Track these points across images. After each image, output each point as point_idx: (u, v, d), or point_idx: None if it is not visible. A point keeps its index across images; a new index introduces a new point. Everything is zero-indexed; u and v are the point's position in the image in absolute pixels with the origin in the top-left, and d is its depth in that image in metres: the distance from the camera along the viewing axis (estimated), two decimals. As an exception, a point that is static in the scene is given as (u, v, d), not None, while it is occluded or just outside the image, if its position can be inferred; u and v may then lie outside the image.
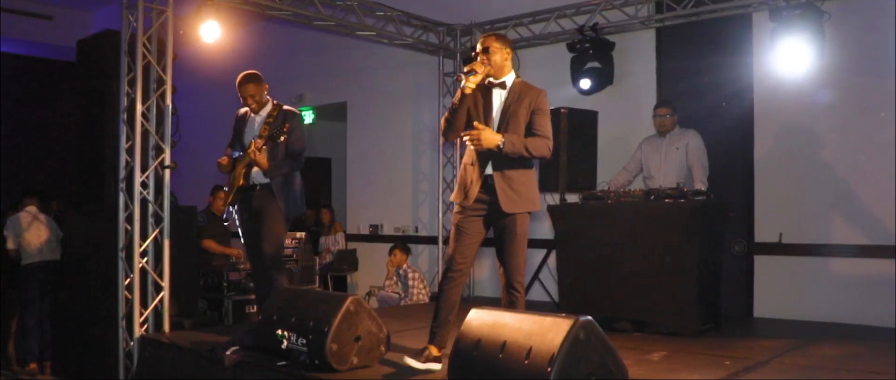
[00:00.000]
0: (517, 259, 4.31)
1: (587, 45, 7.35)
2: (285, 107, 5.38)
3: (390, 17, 7.85)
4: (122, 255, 5.65)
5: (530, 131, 4.30)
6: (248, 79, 5.33)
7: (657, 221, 5.54)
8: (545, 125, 4.32)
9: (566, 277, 6.05)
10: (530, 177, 4.39)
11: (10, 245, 7.47)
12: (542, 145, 4.28)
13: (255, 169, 5.22)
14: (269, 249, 5.20)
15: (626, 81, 7.49)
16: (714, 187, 6.06)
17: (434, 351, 4.33)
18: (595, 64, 7.39)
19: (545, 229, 7.42)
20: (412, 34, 8.22)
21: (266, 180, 5.25)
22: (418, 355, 4.30)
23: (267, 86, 5.40)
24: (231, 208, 5.42)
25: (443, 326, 4.37)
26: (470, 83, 4.27)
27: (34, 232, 7.50)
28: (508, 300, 4.32)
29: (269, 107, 5.38)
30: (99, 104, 6.22)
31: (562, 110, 6.40)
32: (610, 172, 6.78)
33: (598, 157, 6.78)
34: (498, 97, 4.38)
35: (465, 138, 4.23)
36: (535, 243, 7.77)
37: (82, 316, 6.38)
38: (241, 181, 5.26)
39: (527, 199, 4.31)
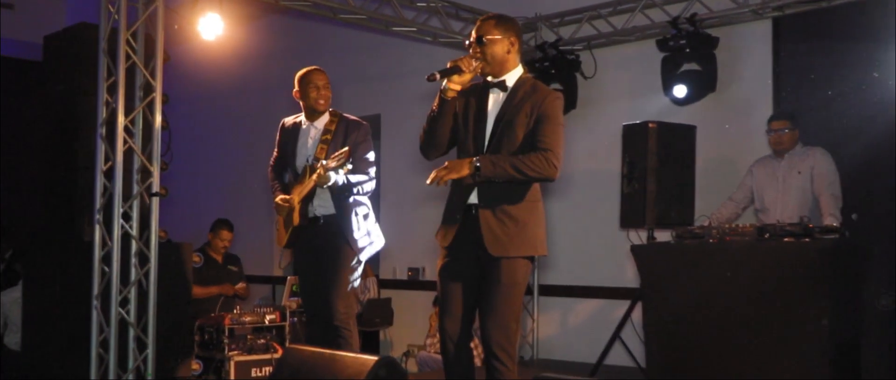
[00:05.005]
0: (499, 317, 3.97)
1: (683, 41, 7.27)
2: (348, 116, 5.37)
3: (435, 8, 7.87)
4: (96, 303, 5.64)
5: (531, 143, 4.00)
6: (320, 70, 5.39)
7: (774, 266, 5.43)
8: (549, 134, 3.98)
9: (654, 336, 5.98)
10: (532, 211, 4.08)
11: None
12: (540, 162, 3.93)
13: (317, 199, 5.16)
14: (335, 298, 5.15)
15: (733, 88, 7.40)
16: (849, 223, 5.94)
17: None
18: (693, 66, 7.33)
19: (629, 276, 7.32)
20: (462, 30, 8.21)
21: (331, 211, 5.18)
22: None
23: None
24: (283, 252, 5.38)
25: None
26: (453, 85, 4.00)
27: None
28: (488, 377, 4.01)
29: (325, 117, 5.35)
30: (71, 116, 6.26)
31: (650, 125, 6.34)
32: (712, 204, 6.71)
33: (697, 184, 6.69)
34: (494, 101, 4.13)
35: (428, 183, 3.96)
36: (615, 293, 7.75)
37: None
38: (297, 219, 5.18)
39: (522, 240, 4.01)
